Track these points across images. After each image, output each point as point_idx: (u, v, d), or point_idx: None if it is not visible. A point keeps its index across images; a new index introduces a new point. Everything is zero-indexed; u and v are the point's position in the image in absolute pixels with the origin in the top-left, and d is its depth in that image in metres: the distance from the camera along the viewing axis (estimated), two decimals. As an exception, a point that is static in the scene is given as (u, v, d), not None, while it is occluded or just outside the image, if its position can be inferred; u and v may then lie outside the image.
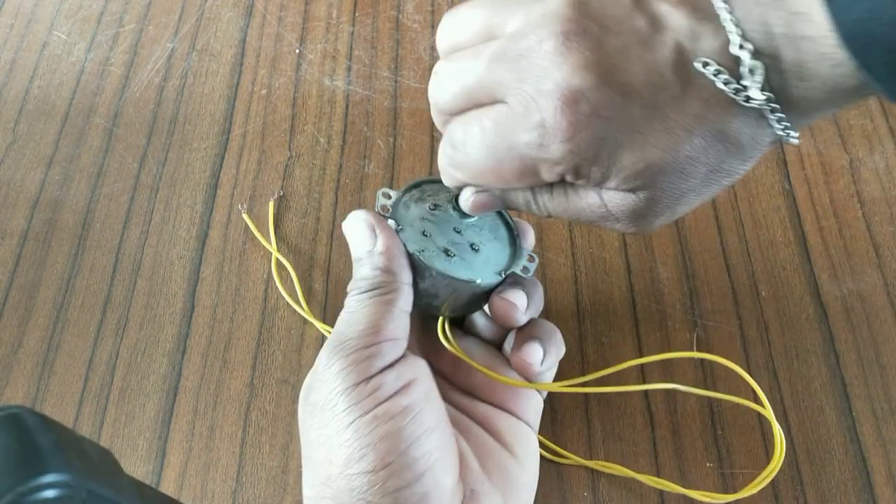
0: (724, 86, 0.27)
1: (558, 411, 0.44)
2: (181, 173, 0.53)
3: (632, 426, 0.43)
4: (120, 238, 0.50)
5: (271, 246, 0.49)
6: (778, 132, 0.29)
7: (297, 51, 0.59)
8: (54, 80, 0.58)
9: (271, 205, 0.51)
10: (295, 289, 0.47)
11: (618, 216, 0.32)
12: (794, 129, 0.29)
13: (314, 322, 0.46)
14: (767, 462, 0.42)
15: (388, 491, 0.31)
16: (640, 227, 0.32)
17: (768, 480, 0.40)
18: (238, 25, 0.61)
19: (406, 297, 0.36)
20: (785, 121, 0.28)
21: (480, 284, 0.37)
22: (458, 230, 0.39)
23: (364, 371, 0.33)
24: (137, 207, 0.52)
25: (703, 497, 0.40)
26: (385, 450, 0.32)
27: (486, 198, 0.35)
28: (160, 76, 0.58)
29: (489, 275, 0.38)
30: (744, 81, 0.27)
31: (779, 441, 0.40)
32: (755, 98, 0.27)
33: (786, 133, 0.29)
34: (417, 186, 0.40)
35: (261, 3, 0.62)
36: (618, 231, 0.33)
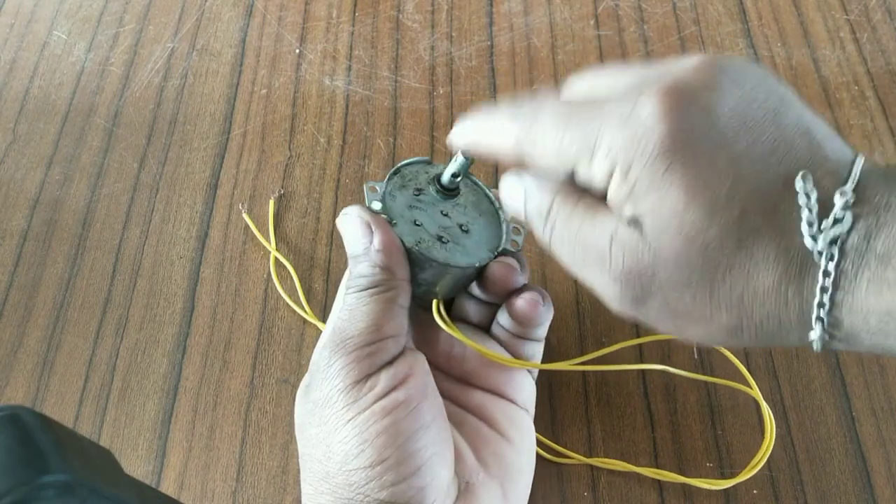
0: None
1: (558, 411, 0.44)
2: (181, 173, 0.53)
3: (632, 426, 0.43)
4: (120, 238, 0.50)
5: (271, 245, 0.49)
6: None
7: (297, 51, 0.59)
8: (54, 80, 0.58)
9: (271, 203, 0.51)
10: (295, 288, 0.47)
11: (614, 265, 0.30)
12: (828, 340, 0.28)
13: (314, 322, 0.46)
14: (768, 462, 0.42)
15: (386, 485, 0.32)
16: (628, 301, 0.30)
17: (764, 461, 0.41)
18: (238, 25, 0.61)
19: (405, 294, 0.36)
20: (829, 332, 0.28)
21: (478, 267, 0.38)
22: (445, 213, 0.40)
23: (366, 368, 0.33)
24: (137, 207, 0.52)
25: (702, 484, 0.41)
26: (382, 444, 0.32)
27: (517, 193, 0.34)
28: (160, 76, 0.58)
29: (484, 254, 0.39)
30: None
31: (768, 420, 0.41)
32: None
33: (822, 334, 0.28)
34: (397, 173, 0.40)
35: (261, 3, 0.62)
36: (607, 299, 0.31)
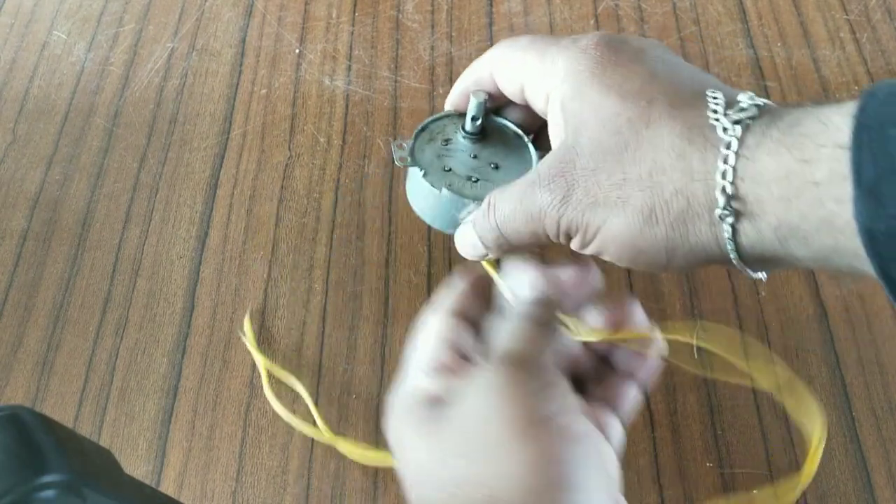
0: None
1: (558, 411, 0.44)
2: (181, 173, 0.53)
3: (632, 426, 0.43)
4: (120, 238, 0.50)
5: (261, 361, 0.45)
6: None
7: (297, 51, 0.59)
8: (54, 80, 0.58)
9: (247, 321, 0.47)
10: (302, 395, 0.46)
11: (542, 177, 0.33)
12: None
13: (329, 441, 0.43)
14: (767, 462, 0.42)
15: None
16: (557, 203, 0.33)
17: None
18: (238, 25, 0.61)
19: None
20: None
21: None
22: (475, 155, 0.41)
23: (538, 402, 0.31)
24: (137, 207, 0.52)
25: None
26: (552, 472, 0.29)
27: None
28: (160, 76, 0.58)
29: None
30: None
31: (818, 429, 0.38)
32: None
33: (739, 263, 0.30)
34: (424, 129, 0.41)
35: (261, 3, 0.62)
36: (545, 218, 0.34)
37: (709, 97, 0.30)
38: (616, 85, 0.32)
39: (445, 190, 0.38)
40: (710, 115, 0.30)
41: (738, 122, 0.29)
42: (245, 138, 0.55)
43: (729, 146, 0.29)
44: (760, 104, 0.30)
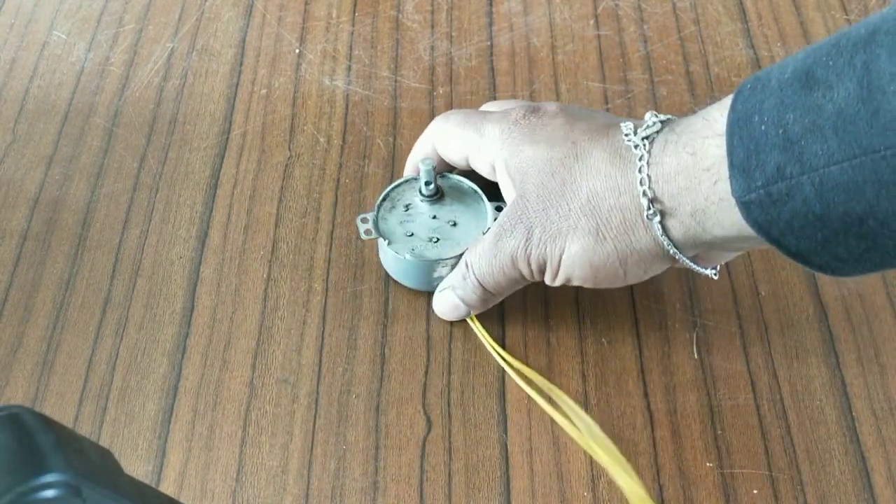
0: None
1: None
2: (181, 173, 0.53)
3: (632, 426, 0.43)
4: (120, 238, 0.50)
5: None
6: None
7: (297, 51, 0.59)
8: (54, 80, 0.58)
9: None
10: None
11: (503, 226, 0.40)
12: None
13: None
14: (767, 462, 0.42)
15: None
16: (522, 244, 0.39)
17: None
18: (238, 25, 0.61)
19: None
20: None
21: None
22: (434, 216, 0.45)
23: None
24: (137, 207, 0.52)
25: None
26: None
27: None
28: (160, 76, 0.58)
29: (472, 239, 0.43)
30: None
31: None
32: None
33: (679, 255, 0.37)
34: (386, 198, 0.46)
35: (261, 3, 0.62)
36: (517, 259, 0.40)
37: (621, 125, 0.37)
38: (544, 139, 0.38)
39: (409, 256, 0.43)
40: (624, 139, 0.36)
41: (647, 138, 0.36)
42: (245, 138, 0.55)
43: (641, 158, 0.35)
44: (663, 119, 0.36)
